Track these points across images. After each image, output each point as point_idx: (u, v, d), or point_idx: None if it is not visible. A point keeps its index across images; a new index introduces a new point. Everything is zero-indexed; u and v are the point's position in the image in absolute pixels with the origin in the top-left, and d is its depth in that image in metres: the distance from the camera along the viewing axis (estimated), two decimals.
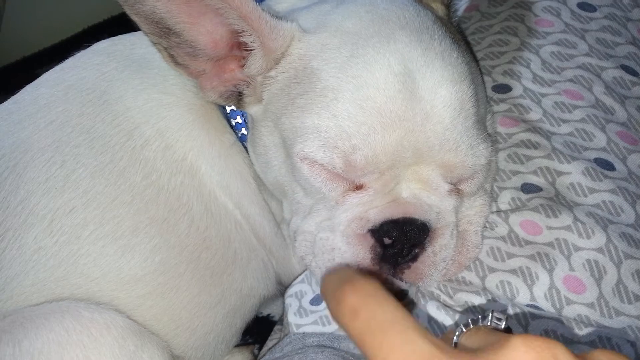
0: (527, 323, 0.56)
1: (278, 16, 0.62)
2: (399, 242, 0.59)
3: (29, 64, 1.64)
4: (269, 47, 0.61)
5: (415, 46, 0.58)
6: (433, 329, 0.59)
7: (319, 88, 0.59)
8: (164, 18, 0.60)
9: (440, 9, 0.69)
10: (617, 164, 0.66)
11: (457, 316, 0.58)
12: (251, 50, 0.62)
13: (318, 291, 0.71)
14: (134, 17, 0.60)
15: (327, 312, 0.68)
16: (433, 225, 0.60)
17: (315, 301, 0.71)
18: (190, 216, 0.69)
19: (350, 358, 0.60)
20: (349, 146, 0.56)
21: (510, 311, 0.58)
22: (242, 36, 0.61)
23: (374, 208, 0.59)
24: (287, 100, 0.62)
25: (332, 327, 0.66)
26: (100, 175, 0.65)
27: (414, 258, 0.60)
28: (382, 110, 0.56)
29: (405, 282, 0.62)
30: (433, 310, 0.60)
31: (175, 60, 0.63)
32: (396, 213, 0.59)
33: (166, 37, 0.61)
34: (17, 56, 1.65)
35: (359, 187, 0.60)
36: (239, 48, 0.63)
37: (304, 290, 0.73)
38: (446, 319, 0.58)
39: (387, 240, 0.59)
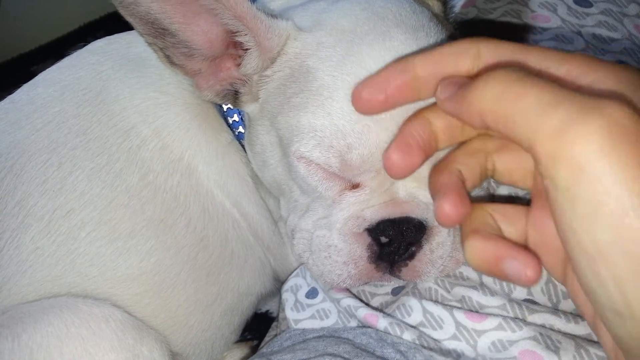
0: (524, 317, 0.57)
1: (273, 15, 0.62)
2: (396, 241, 0.59)
3: (25, 62, 1.63)
4: (265, 46, 0.61)
5: (410, 44, 0.58)
6: (429, 321, 0.59)
7: (315, 87, 0.58)
8: (158, 19, 0.59)
9: (436, 5, 0.69)
10: None
11: (453, 310, 0.58)
12: (247, 49, 0.62)
13: (313, 284, 0.71)
14: (129, 19, 0.59)
15: (323, 305, 0.69)
16: (430, 223, 0.60)
17: (310, 294, 0.71)
18: (188, 216, 0.69)
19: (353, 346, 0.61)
20: (344, 145, 0.56)
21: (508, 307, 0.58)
22: (237, 36, 0.61)
23: (370, 207, 0.59)
24: (283, 99, 0.62)
25: (330, 321, 0.67)
26: (97, 177, 0.66)
27: (411, 256, 0.60)
28: None
29: (403, 280, 0.62)
30: (429, 304, 0.60)
31: (171, 60, 0.63)
32: (392, 212, 0.59)
33: (161, 37, 0.61)
34: (12, 53, 1.64)
35: (355, 186, 0.60)
36: (234, 47, 0.63)
37: (299, 283, 0.73)
38: (443, 312, 0.59)
39: (383, 239, 0.59)
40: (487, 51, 0.44)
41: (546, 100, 0.36)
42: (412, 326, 0.60)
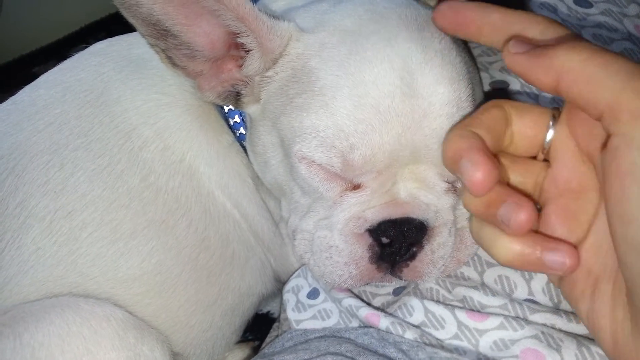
0: (525, 316, 0.57)
1: (275, 16, 0.62)
2: (397, 242, 0.59)
3: (26, 63, 1.63)
4: (267, 48, 0.61)
5: (415, 44, 0.58)
6: (431, 321, 0.59)
7: (318, 87, 0.59)
8: (161, 20, 0.59)
9: None
10: None
11: (455, 310, 0.59)
12: (249, 50, 0.62)
13: (314, 285, 0.72)
14: (131, 20, 0.59)
15: (324, 305, 0.69)
16: (431, 224, 0.60)
17: (312, 295, 0.71)
18: (189, 217, 0.69)
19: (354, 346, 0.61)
20: (346, 145, 0.56)
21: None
22: (239, 37, 0.61)
23: (371, 208, 0.59)
24: (285, 100, 0.62)
25: (332, 321, 0.67)
26: (99, 178, 0.66)
27: (412, 257, 0.60)
28: (379, 107, 0.56)
29: (404, 280, 0.62)
30: (431, 304, 0.60)
31: (173, 61, 0.63)
32: (394, 213, 0.59)
33: (163, 39, 0.61)
34: (14, 54, 1.64)
35: (356, 187, 0.60)
36: (236, 48, 0.63)
37: (300, 284, 0.73)
38: (444, 312, 0.59)
39: (384, 240, 0.59)
40: (553, 30, 0.48)
41: (635, 70, 0.41)
42: (414, 325, 0.60)
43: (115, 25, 0.72)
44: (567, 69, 0.43)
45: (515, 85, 0.71)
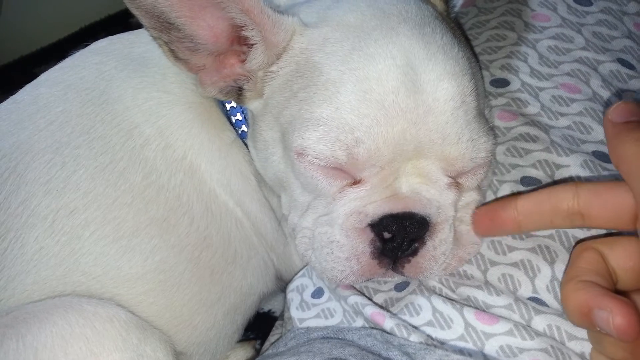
0: (530, 318, 0.57)
1: (279, 10, 0.62)
2: (399, 237, 0.59)
3: (27, 63, 1.64)
4: (271, 42, 0.61)
5: (417, 39, 0.59)
6: (438, 321, 0.59)
7: (321, 81, 0.59)
8: (165, 12, 0.60)
9: (439, 4, 0.69)
10: None
11: (463, 309, 0.58)
12: (252, 44, 0.62)
13: (319, 284, 0.71)
14: (135, 12, 0.60)
15: (328, 304, 0.69)
16: (433, 219, 0.60)
17: (316, 294, 0.71)
18: (191, 215, 0.69)
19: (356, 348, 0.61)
20: (351, 139, 0.56)
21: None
22: (243, 30, 0.61)
23: (372, 202, 0.59)
24: (289, 95, 0.62)
25: (335, 320, 0.67)
26: (101, 176, 0.66)
27: (414, 252, 0.60)
28: (384, 102, 0.56)
29: (406, 276, 0.62)
30: (439, 303, 0.60)
31: (176, 55, 0.63)
32: (395, 207, 0.59)
33: (167, 31, 0.61)
34: (14, 55, 1.64)
35: (355, 183, 0.60)
36: (239, 43, 0.63)
37: (305, 283, 0.73)
38: (452, 312, 0.59)
39: (386, 235, 0.59)
40: (585, 188, 0.51)
41: None
42: (419, 328, 0.59)
43: (115, 26, 0.72)
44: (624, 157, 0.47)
45: (515, 83, 0.72)
